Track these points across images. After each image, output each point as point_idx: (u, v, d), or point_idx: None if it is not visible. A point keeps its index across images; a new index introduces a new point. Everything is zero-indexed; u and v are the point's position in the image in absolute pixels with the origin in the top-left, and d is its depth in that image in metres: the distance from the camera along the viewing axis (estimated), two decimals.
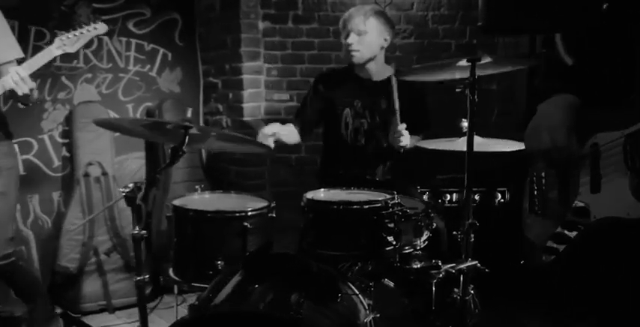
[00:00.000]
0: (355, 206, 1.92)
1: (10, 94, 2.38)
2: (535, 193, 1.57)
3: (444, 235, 2.55)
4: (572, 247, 1.39)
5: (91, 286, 3.20)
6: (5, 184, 2.50)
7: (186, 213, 2.29)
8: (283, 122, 2.74)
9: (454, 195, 3.35)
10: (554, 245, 1.43)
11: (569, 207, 1.42)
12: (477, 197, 3.36)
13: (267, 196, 3.60)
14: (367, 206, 1.91)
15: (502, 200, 3.34)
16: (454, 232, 2.17)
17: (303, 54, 3.68)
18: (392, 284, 2.37)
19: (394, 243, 1.89)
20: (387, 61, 2.84)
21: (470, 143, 1.85)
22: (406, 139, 2.57)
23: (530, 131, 1.45)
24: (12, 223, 2.62)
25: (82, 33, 2.42)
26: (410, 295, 2.56)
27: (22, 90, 2.32)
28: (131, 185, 2.06)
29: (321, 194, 2.16)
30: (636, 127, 1.26)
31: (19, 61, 2.47)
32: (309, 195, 2.07)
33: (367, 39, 2.67)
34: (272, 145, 2.59)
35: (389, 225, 1.89)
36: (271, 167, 3.80)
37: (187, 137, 2.01)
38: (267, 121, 3.70)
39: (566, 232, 1.40)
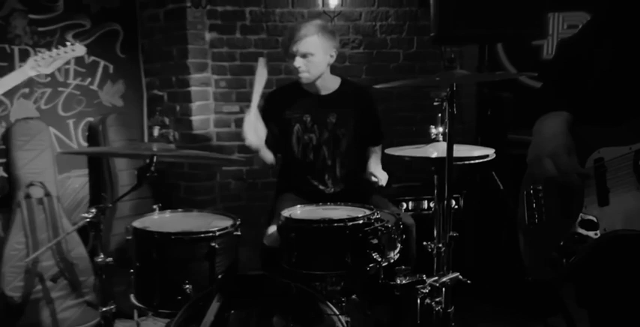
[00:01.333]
0: (338, 224, 1.88)
1: None
2: (534, 206, 1.58)
3: (413, 235, 2.54)
4: (581, 259, 1.40)
5: (38, 315, 2.99)
6: None
7: (150, 235, 2.18)
8: (235, 135, 2.65)
9: (410, 203, 3.38)
10: (559, 258, 1.44)
11: (573, 219, 1.43)
12: (432, 205, 3.40)
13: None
14: (350, 223, 1.87)
15: (457, 207, 3.39)
16: (424, 243, 2.18)
17: (252, 65, 3.58)
18: (355, 297, 2.36)
19: (379, 259, 1.86)
20: (334, 71, 2.82)
21: (450, 152, 1.84)
22: (383, 179, 2.58)
23: (532, 158, 1.46)
24: None
25: (58, 54, 2.27)
26: (371, 306, 2.56)
27: None
28: (94, 210, 1.96)
29: (297, 211, 2.10)
30: None
31: None
32: (286, 213, 2.01)
33: (314, 60, 2.61)
34: (251, 141, 2.48)
35: (372, 241, 1.86)
36: (222, 181, 3.70)
37: (155, 158, 1.92)
38: (217, 134, 3.64)
39: (572, 245, 1.41)
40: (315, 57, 2.62)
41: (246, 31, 3.57)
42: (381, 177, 2.59)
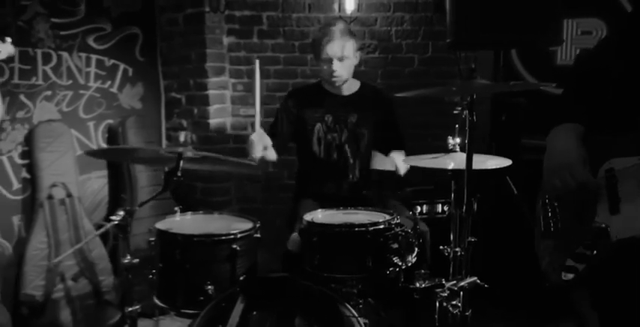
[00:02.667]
0: (361, 228, 1.93)
1: None
2: (549, 215, 1.62)
3: (428, 242, 2.59)
4: (594, 265, 1.44)
5: (58, 313, 3.06)
6: None
7: (173, 237, 2.24)
8: None
9: (424, 206, 3.42)
10: (574, 264, 1.48)
11: (587, 227, 1.48)
12: (445, 208, 3.44)
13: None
14: (372, 228, 1.92)
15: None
16: (441, 247, 2.22)
17: (269, 69, 3.66)
18: (370, 299, 2.40)
19: (399, 263, 1.90)
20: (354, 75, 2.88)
21: (469, 162, 1.88)
22: (403, 169, 2.62)
23: (548, 173, 1.50)
24: None
25: None
26: (385, 309, 2.61)
27: None
28: (121, 212, 2.01)
29: (319, 215, 2.15)
30: None
31: None
32: (308, 217, 2.06)
33: (347, 63, 2.73)
34: (258, 156, 2.56)
35: (393, 246, 1.90)
36: (237, 183, 3.76)
37: (182, 162, 1.97)
38: (235, 136, 3.70)
39: (587, 252, 1.45)
40: (350, 60, 2.74)
41: (263, 36, 3.63)
42: (400, 166, 2.63)
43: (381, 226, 1.93)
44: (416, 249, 2.26)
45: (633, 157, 1.37)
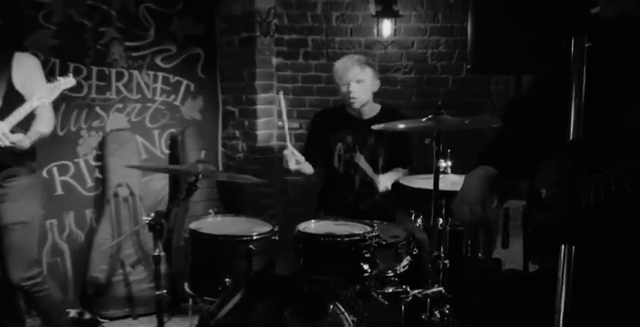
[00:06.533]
0: (337, 238, 2.28)
1: None
2: (469, 242, 1.91)
3: (426, 251, 2.87)
4: (487, 293, 1.72)
5: (117, 294, 3.61)
6: (26, 214, 2.84)
7: (201, 236, 2.67)
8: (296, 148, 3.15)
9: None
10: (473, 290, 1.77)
11: (488, 256, 1.76)
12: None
13: (279, 218, 4.00)
14: (347, 239, 2.26)
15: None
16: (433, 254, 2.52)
17: (311, 86, 4.05)
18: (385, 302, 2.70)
19: (369, 270, 2.24)
20: (385, 95, 3.22)
21: (436, 185, 2.18)
22: (384, 183, 2.94)
23: (454, 204, 1.77)
24: (35, 247, 2.92)
25: (55, 86, 2.72)
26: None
27: (3, 143, 2.60)
28: (153, 214, 2.46)
29: (311, 225, 2.52)
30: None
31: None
32: (301, 227, 2.43)
33: (365, 86, 3.06)
34: (292, 168, 2.99)
35: (365, 255, 2.24)
36: (282, 188, 4.16)
37: (200, 176, 2.40)
38: (279, 148, 4.11)
39: (481, 278, 1.74)
40: (367, 83, 3.08)
41: (308, 57, 4.01)
42: (382, 182, 2.95)
43: (357, 238, 2.27)
44: (407, 258, 2.57)
45: (522, 200, 1.64)
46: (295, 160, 2.98)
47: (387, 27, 3.87)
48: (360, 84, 3.05)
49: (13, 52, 2.83)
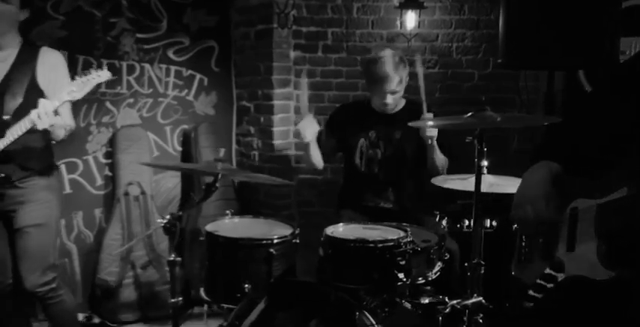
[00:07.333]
0: (370, 244, 2.10)
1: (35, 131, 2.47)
2: (524, 245, 1.73)
3: (457, 260, 2.71)
4: (547, 298, 1.55)
5: (128, 297, 3.45)
6: (43, 216, 2.68)
7: (217, 239, 2.50)
8: None
9: (472, 221, 3.48)
10: (535, 294, 1.59)
11: (550, 260, 1.58)
12: (494, 223, 3.49)
13: (296, 218, 3.83)
14: (381, 245, 2.09)
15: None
16: (466, 264, 2.34)
17: (331, 81, 3.87)
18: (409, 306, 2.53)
19: (404, 279, 2.06)
20: (406, 90, 3.04)
21: (477, 187, 2.01)
22: (433, 130, 2.74)
23: (515, 203, 1.61)
24: (52, 251, 2.76)
25: (88, 80, 2.52)
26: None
27: (41, 125, 2.41)
28: (168, 216, 2.30)
29: (340, 229, 2.34)
30: (607, 199, 1.42)
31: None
32: (329, 231, 2.26)
33: (403, 86, 2.93)
34: (309, 139, 2.84)
35: (400, 262, 2.06)
36: (297, 188, 3.99)
37: (219, 176, 2.23)
38: (297, 145, 3.93)
39: (544, 283, 1.56)
40: (404, 83, 2.93)
41: (327, 50, 3.84)
42: (430, 131, 2.77)
43: (391, 244, 2.09)
44: (438, 264, 2.40)
45: (593, 199, 1.46)
46: (312, 131, 2.84)
47: (410, 19, 3.68)
48: (395, 95, 2.91)
49: (39, 47, 2.71)
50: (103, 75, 2.59)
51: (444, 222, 3.33)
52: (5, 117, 2.52)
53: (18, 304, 2.90)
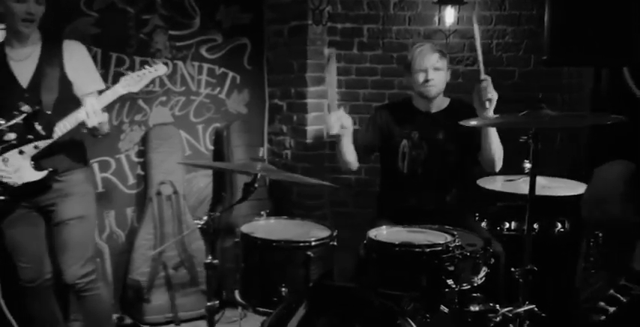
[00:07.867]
0: (417, 249, 2.00)
1: (80, 126, 2.52)
2: (591, 251, 1.62)
3: (502, 265, 2.59)
4: (622, 311, 1.43)
5: (159, 298, 3.39)
6: (84, 208, 2.70)
7: (254, 241, 2.42)
8: None
9: (512, 223, 3.37)
10: (606, 307, 1.48)
11: (623, 270, 1.47)
12: (535, 226, 3.37)
13: (329, 219, 3.75)
14: (429, 249, 1.99)
15: (562, 229, 3.32)
16: (512, 269, 2.24)
17: (366, 79, 3.78)
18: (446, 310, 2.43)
19: (453, 286, 1.96)
20: (446, 89, 2.95)
21: (532, 191, 1.90)
22: (494, 93, 2.65)
23: (586, 201, 1.50)
24: (92, 243, 2.80)
25: (144, 74, 2.55)
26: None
27: (91, 122, 2.46)
28: (205, 218, 2.23)
29: (384, 232, 2.25)
30: None
31: (99, 92, 2.66)
32: (372, 234, 2.17)
33: (442, 74, 2.84)
34: (335, 133, 2.72)
35: (449, 268, 1.96)
36: (331, 188, 3.90)
37: (258, 175, 2.15)
38: (331, 143, 3.84)
39: (618, 295, 1.45)
40: (442, 73, 2.85)
41: (362, 48, 3.74)
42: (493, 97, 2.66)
43: (439, 248, 1.99)
44: (484, 269, 2.29)
45: None
46: (340, 125, 2.72)
47: (449, 15, 3.57)
48: (437, 72, 2.80)
49: (62, 39, 2.69)
50: (160, 69, 2.61)
51: (482, 224, 3.23)
52: (48, 112, 2.53)
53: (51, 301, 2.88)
